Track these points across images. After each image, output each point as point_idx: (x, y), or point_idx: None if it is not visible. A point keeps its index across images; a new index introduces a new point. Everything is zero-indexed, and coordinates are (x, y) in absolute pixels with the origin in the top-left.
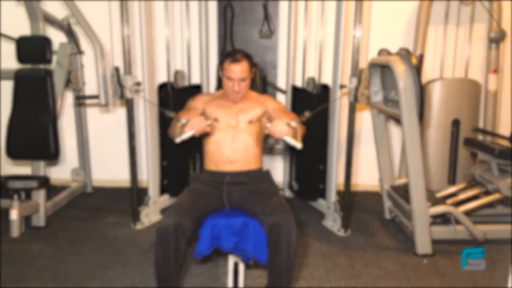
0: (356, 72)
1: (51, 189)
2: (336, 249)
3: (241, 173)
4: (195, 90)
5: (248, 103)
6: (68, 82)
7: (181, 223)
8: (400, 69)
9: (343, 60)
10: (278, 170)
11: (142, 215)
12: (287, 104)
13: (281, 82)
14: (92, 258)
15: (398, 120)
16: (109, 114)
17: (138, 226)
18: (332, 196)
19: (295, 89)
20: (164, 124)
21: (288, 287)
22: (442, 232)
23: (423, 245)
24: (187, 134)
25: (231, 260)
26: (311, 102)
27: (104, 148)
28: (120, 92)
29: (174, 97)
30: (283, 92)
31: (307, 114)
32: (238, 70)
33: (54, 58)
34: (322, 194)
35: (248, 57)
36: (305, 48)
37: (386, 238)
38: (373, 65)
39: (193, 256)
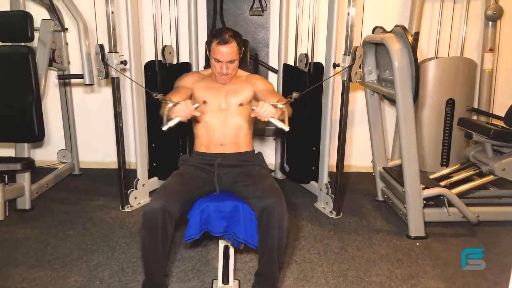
0: (350, 50)
1: (37, 172)
2: (328, 232)
3: (232, 155)
4: (184, 67)
5: (237, 84)
6: (51, 61)
7: (168, 207)
8: (395, 47)
9: (336, 38)
10: (270, 151)
11: (131, 198)
12: (278, 84)
13: (273, 61)
14: (79, 242)
15: (392, 100)
16: (96, 94)
17: (127, 209)
18: (324, 178)
19: (287, 68)
20: (152, 105)
21: (280, 271)
22: (435, 214)
23: (416, 228)
24: (173, 121)
25: (221, 244)
26: (304, 80)
27: (92, 129)
28: (105, 71)
29: (162, 75)
30: (275, 71)
31: (295, 94)
32: (226, 52)
33: (36, 36)
34: (315, 176)
35: (236, 37)
36: (298, 25)
37: (378, 221)
38: (367, 44)
39: (183, 241)
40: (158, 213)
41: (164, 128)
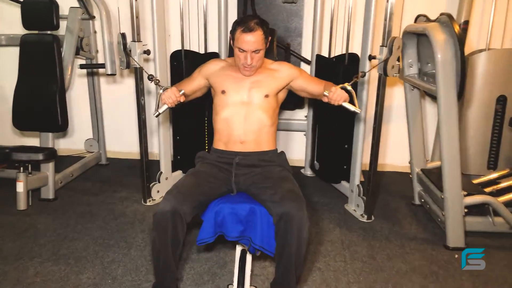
0: (387, 41)
1: (64, 160)
2: (358, 237)
3: (252, 154)
4: (212, 57)
5: (263, 74)
6: (79, 50)
7: (180, 209)
8: (439, 38)
9: (374, 28)
10: (300, 147)
11: (153, 192)
12: (311, 75)
13: (306, 52)
14: (97, 236)
15: (434, 97)
16: (123, 83)
17: (149, 203)
18: (356, 179)
19: (320, 59)
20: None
21: (298, 283)
22: (478, 223)
23: (455, 238)
24: (162, 108)
25: (238, 248)
26: (338, 74)
27: (119, 118)
28: (126, 61)
29: (188, 65)
30: (308, 62)
31: (361, 73)
32: (251, 40)
33: (62, 24)
34: (346, 175)
35: (263, 25)
36: (333, 14)
37: (413, 227)
38: (408, 34)
39: (196, 244)
40: (169, 216)
41: (154, 114)
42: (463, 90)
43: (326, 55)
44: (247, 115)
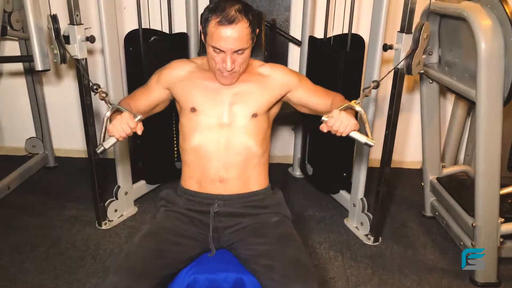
0: (410, 26)
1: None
2: (365, 270)
3: (237, 198)
4: (179, 39)
5: (249, 83)
6: (6, 29)
7: None
8: (483, 24)
9: (388, 5)
10: (287, 141)
11: (110, 211)
12: (302, 61)
13: (296, 30)
14: (34, 283)
15: (463, 97)
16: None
17: (104, 226)
18: (360, 191)
19: (314, 42)
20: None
21: None
22: None
23: (485, 272)
24: (108, 142)
25: None
26: (338, 61)
27: (67, 111)
28: (61, 52)
29: (148, 51)
30: (298, 43)
31: (372, 84)
32: (232, 36)
33: None
34: (346, 184)
35: (247, 12)
36: None
37: (429, 251)
38: (431, 14)
39: None
40: None
41: (98, 150)
42: None
43: (321, 36)
44: (228, 142)
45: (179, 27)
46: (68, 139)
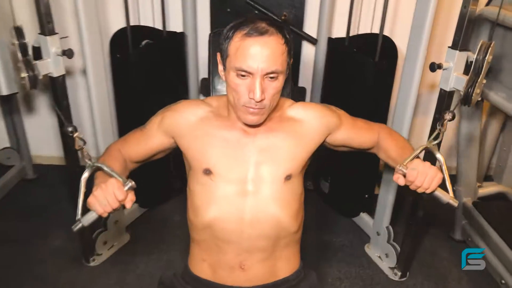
0: (464, 41)
1: None
2: None
3: None
4: (175, 41)
5: (279, 134)
6: None
7: None
8: None
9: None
10: None
11: (99, 244)
12: (317, 63)
13: (310, 27)
14: None
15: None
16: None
17: (93, 263)
18: (386, 218)
19: (332, 42)
20: (124, 104)
21: None
22: None
23: None
24: (88, 218)
25: None
26: (364, 73)
27: (44, 114)
28: (29, 75)
29: (138, 57)
30: (313, 41)
31: (449, 115)
32: (264, 53)
33: None
34: (367, 205)
35: (282, 28)
36: None
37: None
38: (483, 22)
39: None
40: None
41: (75, 228)
42: None
43: (340, 34)
44: (253, 216)
45: (175, 24)
46: (47, 145)
